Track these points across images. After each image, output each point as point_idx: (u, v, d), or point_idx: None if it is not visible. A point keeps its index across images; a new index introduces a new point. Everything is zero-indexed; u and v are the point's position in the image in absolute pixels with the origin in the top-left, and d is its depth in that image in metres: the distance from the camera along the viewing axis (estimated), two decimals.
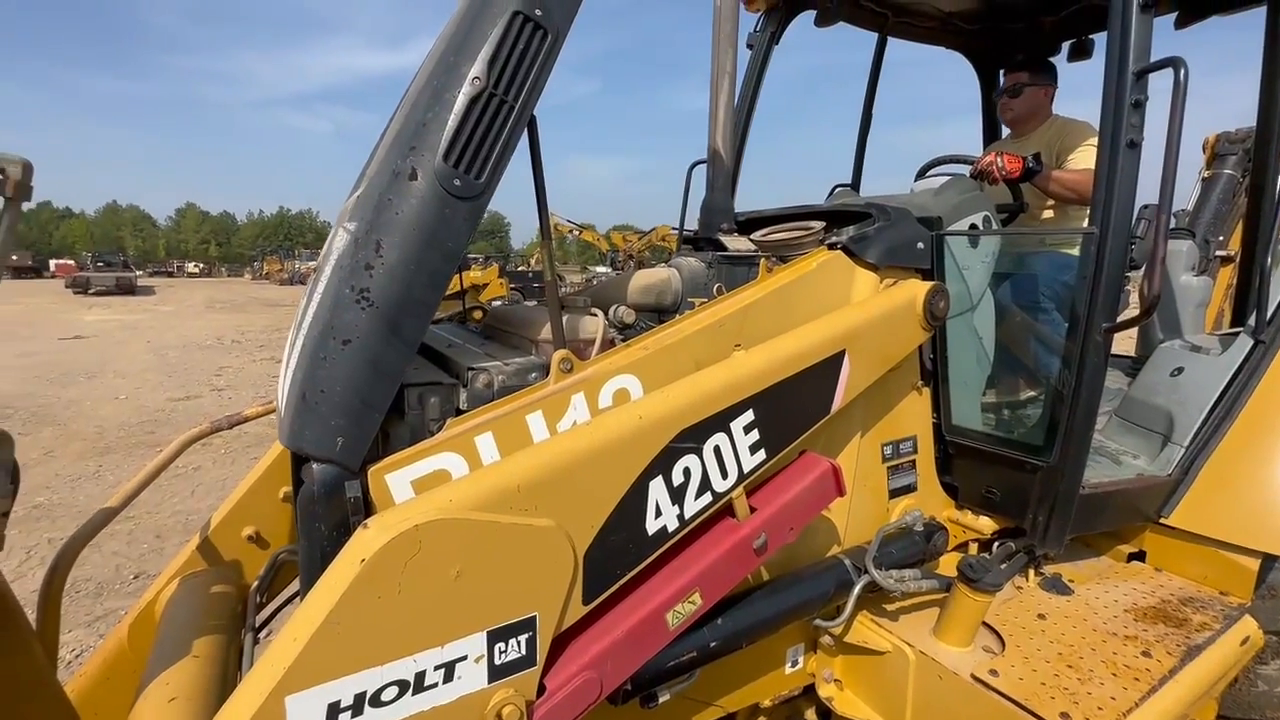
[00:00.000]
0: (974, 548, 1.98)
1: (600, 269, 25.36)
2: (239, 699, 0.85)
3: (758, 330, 1.50)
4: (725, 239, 2.01)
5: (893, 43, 3.21)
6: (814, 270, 1.66)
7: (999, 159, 2.32)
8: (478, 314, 1.85)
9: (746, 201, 2.29)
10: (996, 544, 1.97)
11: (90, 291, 28.75)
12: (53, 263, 49.65)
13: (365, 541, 0.91)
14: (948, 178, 2.32)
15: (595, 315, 1.43)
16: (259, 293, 32.97)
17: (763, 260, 1.59)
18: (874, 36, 3.19)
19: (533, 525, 1.03)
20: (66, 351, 12.37)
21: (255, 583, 1.72)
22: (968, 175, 2.38)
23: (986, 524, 1.95)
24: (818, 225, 1.81)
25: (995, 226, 2.13)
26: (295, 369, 1.06)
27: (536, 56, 1.12)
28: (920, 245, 1.85)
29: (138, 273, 40.80)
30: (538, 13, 1.12)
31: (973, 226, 2.05)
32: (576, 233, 24.79)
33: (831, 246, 1.77)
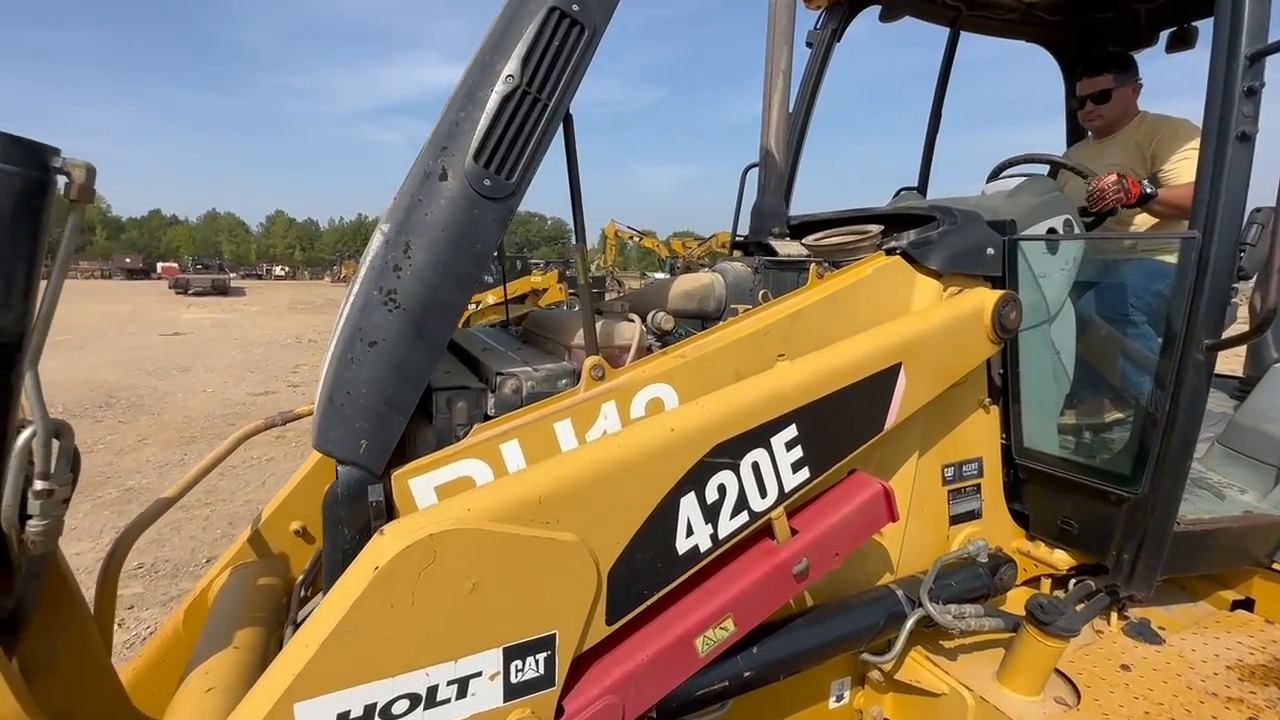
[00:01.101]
0: (1046, 585, 1.80)
1: (659, 275, 25.38)
2: (249, 704, 0.84)
3: (806, 339, 1.41)
4: (776, 243, 1.92)
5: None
6: (869, 276, 1.55)
7: (1119, 182, 2.05)
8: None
9: (806, 209, 2.19)
10: (1073, 581, 1.79)
11: (189, 292, 31.21)
12: (159, 265, 54.23)
13: (380, 549, 0.89)
14: (1023, 178, 2.15)
15: (632, 321, 1.38)
16: (336, 294, 34.82)
17: (813, 265, 1.50)
18: (944, 32, 3.02)
19: (554, 539, 0.99)
20: (165, 347, 13.44)
21: (300, 576, 1.76)
22: (1046, 176, 2.19)
23: (1062, 558, 1.77)
24: (875, 229, 1.69)
25: (1077, 230, 1.94)
26: (327, 370, 1.06)
27: (573, 53, 1.09)
28: (990, 251, 1.71)
29: (231, 275, 44.08)
30: (575, 8, 1.08)
31: (1051, 231, 1.88)
32: (637, 239, 24.92)
33: (890, 251, 1.65)
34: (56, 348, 12.71)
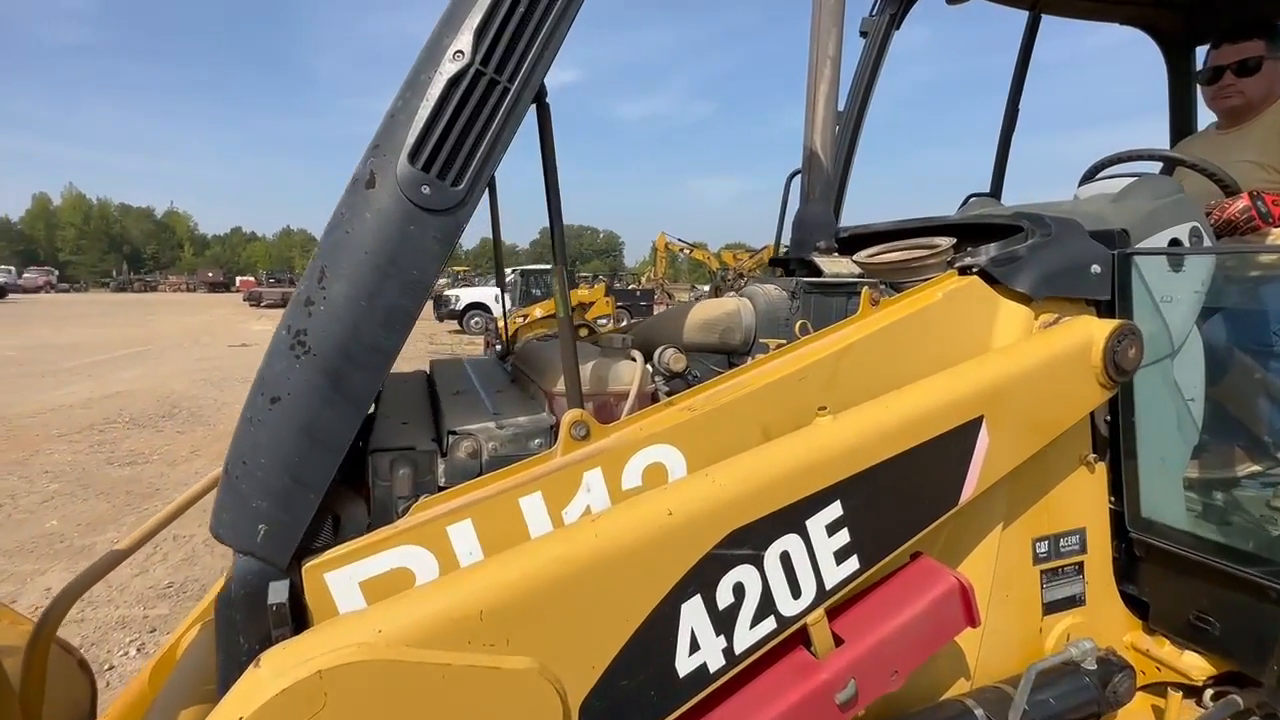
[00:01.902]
0: (1174, 698, 1.40)
1: (705, 288, 25.00)
2: None
3: (855, 385, 1.11)
4: (822, 260, 1.61)
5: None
6: (939, 302, 1.24)
7: (1252, 206, 1.62)
8: (583, 330, 1.62)
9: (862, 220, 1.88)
10: (1209, 693, 1.39)
11: (261, 304, 32.90)
12: (238, 279, 57.73)
13: (249, 691, 0.65)
14: (1131, 179, 1.77)
15: (634, 360, 1.11)
16: None
17: (866, 289, 1.19)
18: (1022, 16, 2.65)
19: (500, 668, 0.73)
20: (232, 358, 14.04)
21: None
22: (1168, 180, 1.79)
23: (1194, 663, 1.37)
24: (945, 242, 1.37)
25: (1208, 241, 1.56)
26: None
27: (544, 20, 0.84)
28: (1096, 269, 1.36)
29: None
30: None
31: (1174, 242, 1.50)
32: (687, 251, 24.68)
33: (964, 270, 1.33)
34: (140, 357, 13.49)
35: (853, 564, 0.97)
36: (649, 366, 1.12)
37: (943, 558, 1.25)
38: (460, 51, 0.81)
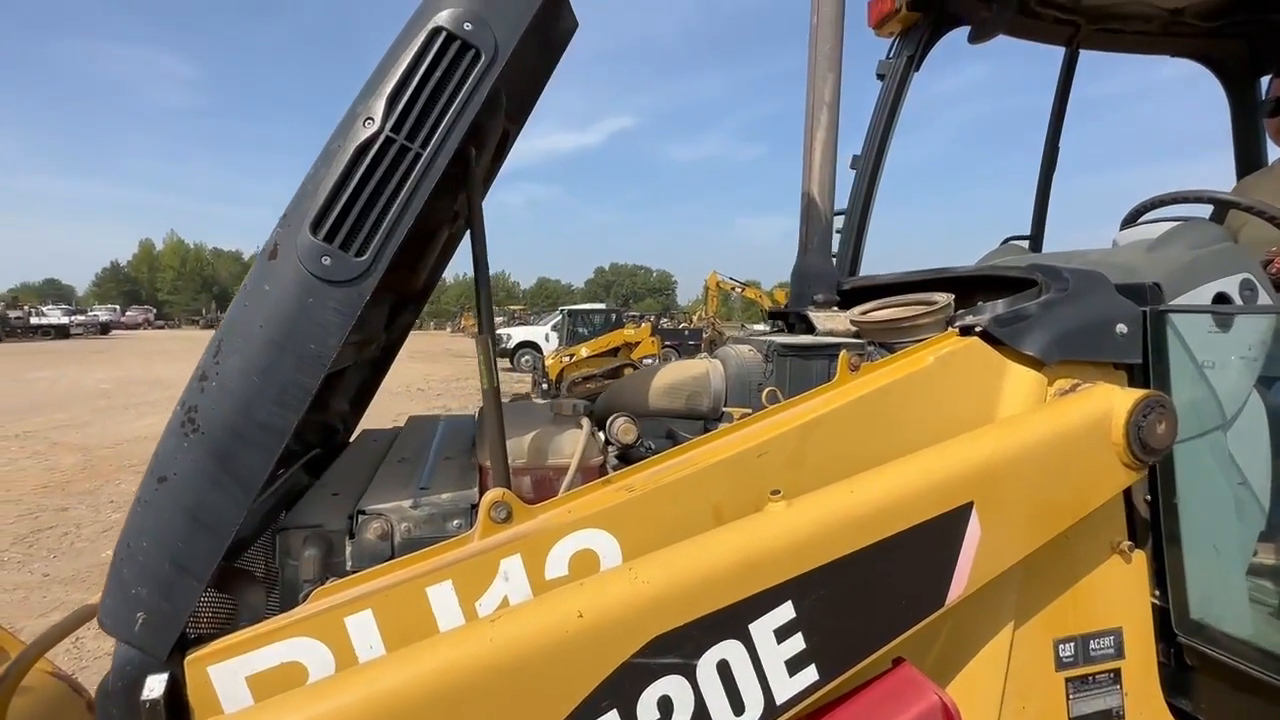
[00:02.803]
0: None
1: (759, 326, 24.69)
2: None
3: (823, 464, 0.99)
4: (817, 315, 1.51)
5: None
6: (929, 367, 1.11)
7: None
8: (628, 371, 1.58)
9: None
10: None
11: None
12: None
13: None
14: (1173, 223, 1.59)
15: (579, 429, 1.03)
16: (452, 344, 37.25)
17: (843, 353, 1.08)
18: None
19: None
20: None
21: None
22: (1209, 221, 1.61)
23: None
24: (942, 299, 1.24)
25: (1264, 296, 1.36)
26: None
27: (461, 84, 0.81)
28: (1122, 328, 1.20)
29: None
30: (467, 27, 0.81)
31: (1220, 298, 1.33)
32: (740, 290, 24.61)
33: (966, 330, 1.20)
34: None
35: (810, 675, 0.84)
36: (598, 436, 1.04)
37: (941, 663, 1.10)
38: (370, 119, 0.78)
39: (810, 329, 1.52)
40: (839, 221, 2.18)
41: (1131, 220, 1.87)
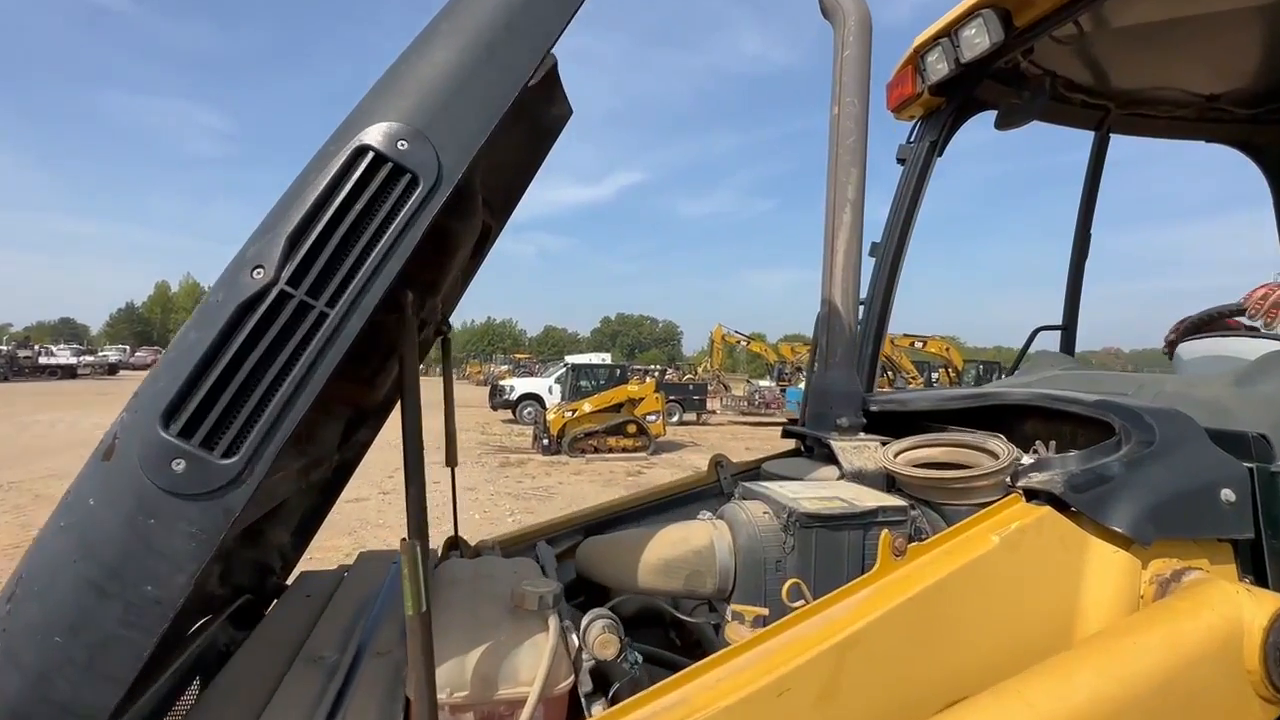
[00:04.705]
0: None
1: (764, 382, 24.38)
2: None
3: (864, 696, 0.75)
4: (842, 445, 1.27)
5: None
6: (994, 552, 0.87)
7: None
8: (632, 428, 1.34)
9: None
10: None
11: None
12: None
13: None
14: (1246, 338, 1.38)
15: (545, 633, 0.78)
16: (456, 392, 37.00)
17: (884, 535, 0.85)
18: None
19: None
20: None
21: None
22: None
23: None
24: (1004, 453, 1.01)
25: None
26: None
27: (389, 222, 0.61)
28: (1228, 495, 0.96)
29: None
30: (402, 146, 0.62)
31: None
32: (745, 343, 24.41)
33: (1031, 495, 0.96)
34: None
35: None
36: (570, 643, 0.79)
37: None
38: (260, 267, 0.58)
39: (831, 457, 1.29)
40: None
41: (1183, 337, 1.66)
